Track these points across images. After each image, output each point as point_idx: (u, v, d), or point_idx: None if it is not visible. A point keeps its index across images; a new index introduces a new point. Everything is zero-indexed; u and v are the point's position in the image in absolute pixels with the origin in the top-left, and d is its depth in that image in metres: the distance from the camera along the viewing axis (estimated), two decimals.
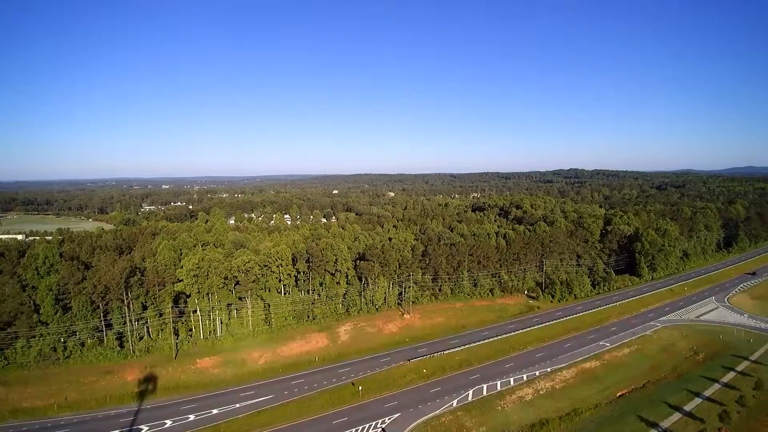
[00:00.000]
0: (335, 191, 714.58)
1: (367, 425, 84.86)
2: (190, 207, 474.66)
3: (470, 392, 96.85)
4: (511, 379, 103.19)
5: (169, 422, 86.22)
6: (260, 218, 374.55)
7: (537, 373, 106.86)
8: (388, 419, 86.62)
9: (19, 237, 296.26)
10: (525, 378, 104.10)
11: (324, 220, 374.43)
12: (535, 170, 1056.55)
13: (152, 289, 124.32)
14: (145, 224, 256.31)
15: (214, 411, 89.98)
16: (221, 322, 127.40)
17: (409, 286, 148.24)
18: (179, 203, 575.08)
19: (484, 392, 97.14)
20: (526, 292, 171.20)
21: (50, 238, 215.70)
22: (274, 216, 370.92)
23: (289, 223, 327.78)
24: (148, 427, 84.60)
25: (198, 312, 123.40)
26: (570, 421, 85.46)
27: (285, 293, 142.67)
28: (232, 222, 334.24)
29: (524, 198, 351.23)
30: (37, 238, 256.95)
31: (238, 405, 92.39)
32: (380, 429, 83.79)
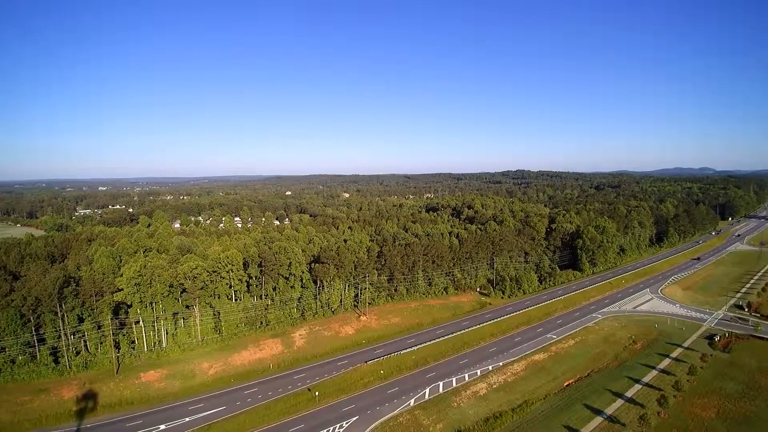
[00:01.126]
0: (288, 192, 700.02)
1: (325, 431, 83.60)
2: (131, 210, 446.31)
3: (427, 390, 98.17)
4: (466, 375, 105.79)
5: None
6: (208, 221, 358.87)
7: (490, 367, 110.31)
8: (346, 423, 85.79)
9: None
10: (479, 373, 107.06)
11: (277, 222, 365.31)
12: (485, 171, 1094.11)
13: (89, 300, 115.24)
14: (80, 229, 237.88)
15: (162, 427, 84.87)
16: (167, 333, 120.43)
17: (365, 288, 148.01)
18: (118, 206, 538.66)
19: (441, 390, 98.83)
20: (478, 289, 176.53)
21: None
22: (223, 219, 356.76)
23: (239, 226, 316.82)
24: None
25: (141, 323, 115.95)
26: (522, 413, 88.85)
27: (236, 299, 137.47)
28: (177, 226, 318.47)
29: (475, 198, 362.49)
30: None
31: (187, 419, 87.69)
32: None
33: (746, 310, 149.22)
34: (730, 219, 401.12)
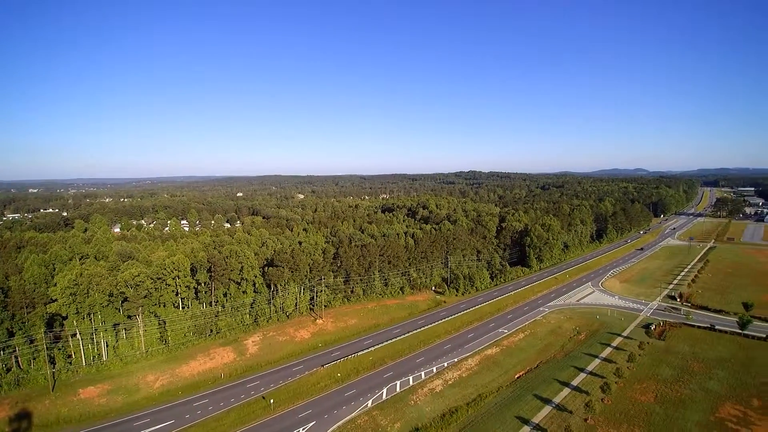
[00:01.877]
0: (239, 194, 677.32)
1: None
2: (65, 214, 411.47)
3: (384, 391, 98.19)
4: (422, 373, 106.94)
5: None
6: (152, 225, 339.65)
7: (446, 364, 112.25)
8: (303, 429, 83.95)
9: None
10: (435, 370, 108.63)
11: (227, 225, 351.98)
12: (439, 172, 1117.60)
13: (19, 313, 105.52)
14: (8, 236, 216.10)
15: None
16: (107, 345, 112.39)
17: (321, 290, 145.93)
18: (51, 210, 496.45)
19: (398, 389, 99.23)
20: (433, 288, 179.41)
21: None
22: (168, 222, 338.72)
23: (186, 229, 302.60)
24: None
25: (78, 335, 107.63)
26: (476, 407, 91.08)
27: (183, 307, 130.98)
28: (117, 230, 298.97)
29: (430, 198, 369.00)
30: None
31: None
32: None
33: (678, 300, 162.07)
34: (662, 216, 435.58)
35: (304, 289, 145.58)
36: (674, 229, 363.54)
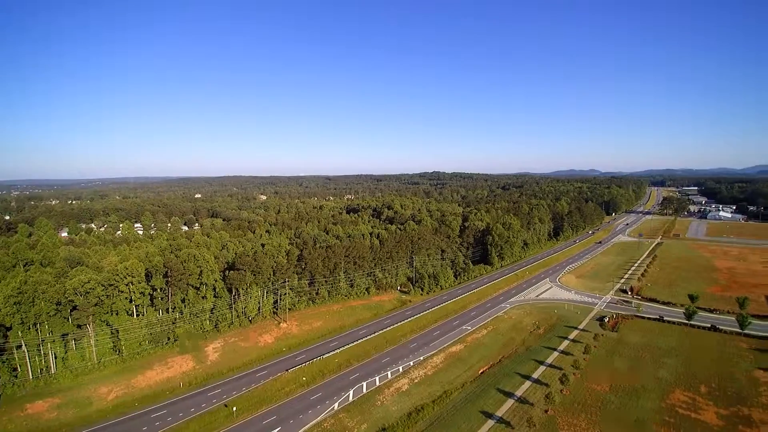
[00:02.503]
0: (198, 195, 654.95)
1: None
2: (7, 218, 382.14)
3: (351, 392, 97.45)
4: (389, 373, 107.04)
5: None
6: (103, 229, 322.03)
7: (411, 363, 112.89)
8: None
9: None
10: (401, 369, 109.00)
11: (185, 227, 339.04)
12: (403, 173, 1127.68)
13: None
14: None
15: None
16: (56, 357, 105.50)
17: (285, 293, 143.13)
18: None
19: (364, 390, 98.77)
20: (399, 287, 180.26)
21: None
22: (121, 226, 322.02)
23: (141, 233, 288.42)
24: None
25: (24, 347, 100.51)
26: (442, 403, 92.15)
27: (138, 315, 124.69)
28: (64, 235, 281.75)
29: (395, 199, 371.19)
30: None
31: None
32: None
33: (629, 293, 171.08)
34: (613, 214, 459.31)
35: (267, 292, 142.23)
36: (627, 224, 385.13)
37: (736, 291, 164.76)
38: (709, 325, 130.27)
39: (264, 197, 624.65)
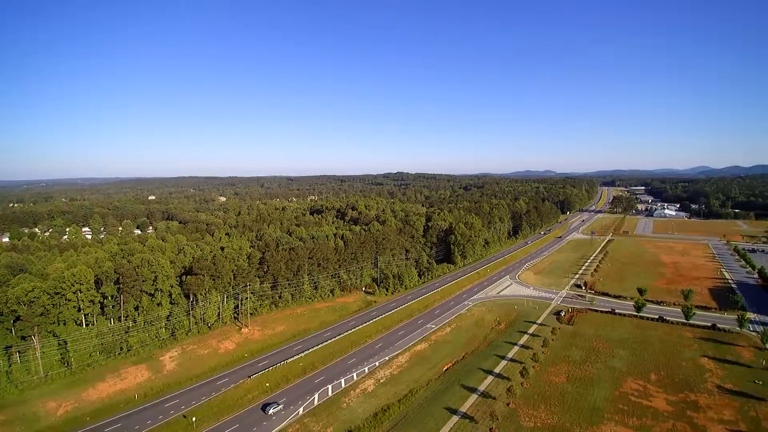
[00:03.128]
0: (152, 197, 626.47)
1: None
2: None
3: (316, 396, 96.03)
4: (354, 374, 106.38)
5: None
6: (48, 233, 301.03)
7: (377, 363, 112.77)
8: None
9: None
10: (367, 370, 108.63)
11: (138, 231, 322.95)
12: (367, 173, 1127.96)
13: None
14: None
15: None
16: None
17: (246, 297, 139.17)
18: None
19: (330, 393, 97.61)
20: (363, 288, 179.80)
21: None
22: (67, 230, 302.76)
23: (89, 237, 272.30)
24: None
25: None
26: (407, 402, 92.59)
27: (87, 324, 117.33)
28: (6, 240, 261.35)
29: (359, 200, 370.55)
30: None
31: None
32: None
33: (583, 288, 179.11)
34: (568, 213, 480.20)
35: (227, 297, 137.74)
36: (583, 221, 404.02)
37: (681, 284, 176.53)
38: (657, 317, 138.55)
39: (223, 199, 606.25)
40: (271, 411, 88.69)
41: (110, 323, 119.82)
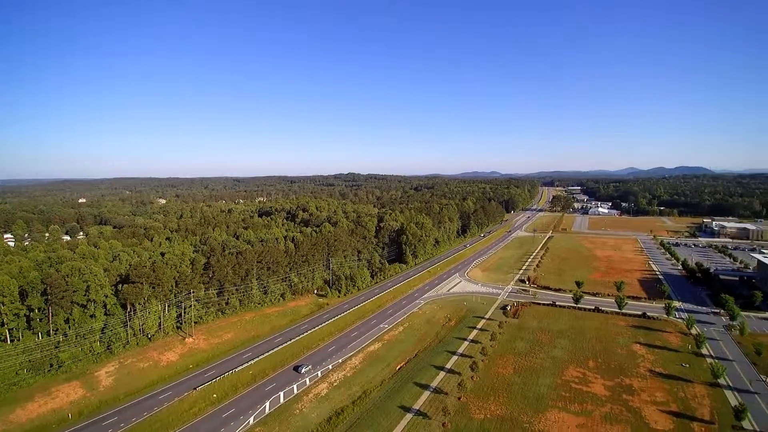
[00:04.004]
0: (82, 200, 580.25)
1: None
2: None
3: (267, 404, 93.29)
4: (307, 379, 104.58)
5: None
6: None
7: (330, 366, 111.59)
8: None
9: None
10: (319, 374, 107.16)
11: (67, 237, 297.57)
12: (318, 174, 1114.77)
13: None
14: None
15: None
16: None
17: (191, 305, 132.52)
18: None
19: (282, 400, 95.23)
20: (315, 291, 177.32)
21: None
22: None
23: (12, 244, 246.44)
24: None
25: None
26: (361, 404, 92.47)
27: (12, 340, 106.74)
28: None
29: (310, 201, 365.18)
30: None
31: None
32: None
33: (527, 282, 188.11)
34: (512, 212, 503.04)
35: (169, 305, 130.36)
36: (528, 217, 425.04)
37: (614, 276, 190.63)
38: (593, 307, 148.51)
39: (163, 201, 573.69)
40: None
41: (38, 338, 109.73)
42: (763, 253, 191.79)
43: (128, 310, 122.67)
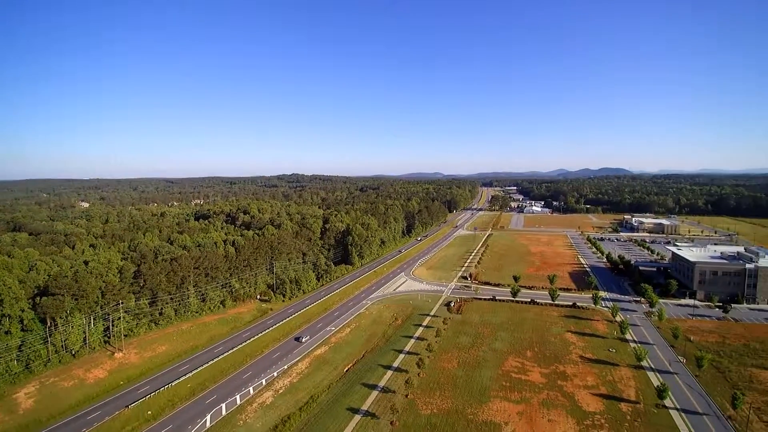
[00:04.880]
0: None
1: None
2: None
3: (208, 418, 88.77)
4: (251, 389, 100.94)
5: None
6: None
7: (275, 373, 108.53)
8: None
9: None
10: (264, 382, 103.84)
11: None
12: (260, 175, 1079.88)
13: None
14: None
15: None
16: None
17: (119, 317, 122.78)
18: None
19: (224, 412, 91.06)
20: (258, 296, 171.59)
21: None
22: None
23: None
24: None
25: None
26: (309, 409, 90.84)
27: None
28: None
29: (251, 203, 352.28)
30: None
31: None
32: None
33: (469, 279, 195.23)
34: (454, 211, 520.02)
35: (95, 318, 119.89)
36: (472, 214, 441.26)
37: (547, 270, 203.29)
38: (530, 300, 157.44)
39: (86, 204, 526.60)
40: None
41: None
42: (677, 245, 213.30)
43: (48, 324, 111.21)
